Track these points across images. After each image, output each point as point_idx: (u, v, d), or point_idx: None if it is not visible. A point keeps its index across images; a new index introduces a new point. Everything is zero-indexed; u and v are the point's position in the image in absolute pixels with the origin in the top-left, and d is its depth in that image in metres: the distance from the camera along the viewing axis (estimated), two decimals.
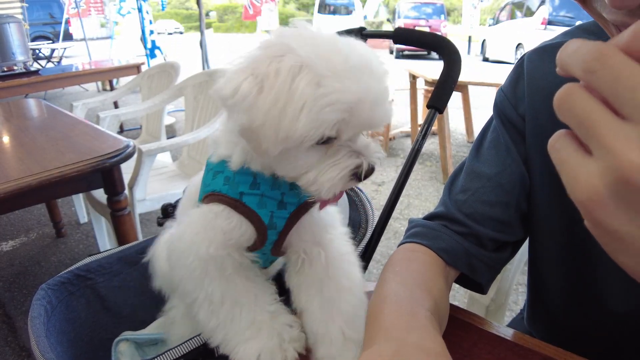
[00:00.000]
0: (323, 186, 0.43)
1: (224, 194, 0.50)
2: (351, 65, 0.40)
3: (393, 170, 3.47)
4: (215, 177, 0.51)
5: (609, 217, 0.22)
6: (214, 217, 0.50)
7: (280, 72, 0.39)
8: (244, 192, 0.49)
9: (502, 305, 0.95)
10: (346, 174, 0.43)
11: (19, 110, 1.95)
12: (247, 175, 0.50)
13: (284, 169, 0.45)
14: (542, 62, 0.58)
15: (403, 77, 4.33)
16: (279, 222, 0.51)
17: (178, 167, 2.13)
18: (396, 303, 0.47)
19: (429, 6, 12.95)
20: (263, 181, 0.50)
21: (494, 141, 0.62)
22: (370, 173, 0.44)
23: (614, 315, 0.55)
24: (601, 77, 0.22)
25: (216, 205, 0.50)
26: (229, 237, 0.50)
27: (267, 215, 0.50)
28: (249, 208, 0.49)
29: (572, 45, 0.24)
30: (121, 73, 4.14)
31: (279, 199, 0.50)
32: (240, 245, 0.51)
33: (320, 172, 0.43)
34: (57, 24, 10.41)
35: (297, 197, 0.51)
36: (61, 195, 1.94)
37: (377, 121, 0.43)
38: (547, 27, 7.76)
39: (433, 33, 0.77)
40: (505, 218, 0.59)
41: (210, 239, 0.49)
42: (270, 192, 0.50)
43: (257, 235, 0.51)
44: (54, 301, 0.73)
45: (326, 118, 0.39)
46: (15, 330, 1.71)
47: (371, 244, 0.74)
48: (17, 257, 2.25)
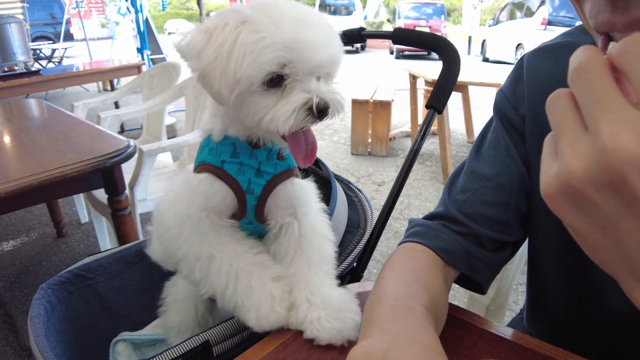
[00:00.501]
0: (279, 121, 0.48)
1: (208, 163, 0.57)
2: (287, 15, 0.46)
3: (393, 170, 3.47)
4: (202, 150, 0.59)
5: (564, 214, 0.25)
6: (197, 183, 0.56)
7: (227, 26, 0.46)
8: (225, 160, 0.56)
9: (502, 305, 0.95)
10: (298, 106, 0.48)
11: (19, 110, 1.96)
12: (228, 145, 0.57)
13: (247, 116, 0.50)
14: (542, 63, 0.58)
15: (403, 78, 4.33)
16: (256, 188, 0.57)
17: (179, 167, 2.13)
18: (392, 298, 0.48)
19: (429, 6, 12.94)
20: (242, 151, 0.56)
21: (494, 142, 0.62)
22: (324, 109, 0.49)
23: (614, 315, 0.55)
24: (577, 88, 0.24)
25: (201, 173, 0.56)
26: (209, 200, 0.56)
27: (245, 182, 0.56)
28: (229, 174, 0.56)
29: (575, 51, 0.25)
30: (122, 73, 4.14)
31: (256, 167, 0.57)
32: (220, 211, 0.57)
33: (276, 110, 0.48)
34: (58, 24, 10.43)
35: (273, 168, 0.58)
36: (62, 195, 1.94)
37: (322, 63, 0.48)
38: (547, 27, 7.75)
39: (432, 33, 0.77)
40: (504, 218, 0.59)
41: (191, 201, 0.56)
42: (248, 161, 0.56)
43: (237, 201, 0.57)
44: (53, 301, 0.73)
45: (266, 58, 0.45)
46: (16, 330, 1.71)
47: (370, 244, 0.74)
48: (18, 257, 2.25)
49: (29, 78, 3.16)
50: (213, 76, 0.47)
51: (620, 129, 0.21)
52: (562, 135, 0.24)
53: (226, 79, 0.46)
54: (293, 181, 0.60)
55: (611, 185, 0.22)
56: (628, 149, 0.21)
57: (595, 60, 0.24)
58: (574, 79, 0.24)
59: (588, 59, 0.24)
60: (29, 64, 3.52)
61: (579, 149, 0.23)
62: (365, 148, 3.80)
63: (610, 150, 0.21)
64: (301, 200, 0.61)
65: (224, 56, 0.46)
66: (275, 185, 0.58)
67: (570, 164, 0.23)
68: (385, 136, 3.72)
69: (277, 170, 0.58)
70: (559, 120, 0.25)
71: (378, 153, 3.78)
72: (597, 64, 0.24)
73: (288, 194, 0.59)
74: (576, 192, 0.23)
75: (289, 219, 0.60)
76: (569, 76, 0.25)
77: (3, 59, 3.14)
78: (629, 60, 0.22)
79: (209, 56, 0.46)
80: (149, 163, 1.64)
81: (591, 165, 0.22)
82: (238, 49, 0.45)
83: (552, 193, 0.24)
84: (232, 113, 0.53)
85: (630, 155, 0.20)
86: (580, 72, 0.24)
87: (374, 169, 3.49)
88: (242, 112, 0.50)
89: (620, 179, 0.21)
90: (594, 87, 0.23)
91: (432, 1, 13.10)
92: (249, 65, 0.45)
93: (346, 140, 4.16)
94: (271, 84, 0.47)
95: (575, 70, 0.24)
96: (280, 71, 0.47)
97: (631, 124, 0.21)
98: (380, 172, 3.43)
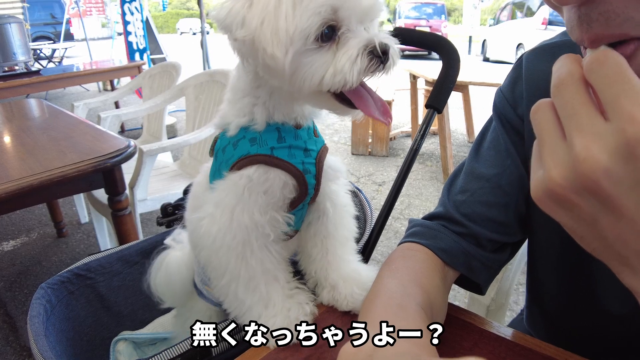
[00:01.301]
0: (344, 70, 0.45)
1: (255, 154, 0.53)
2: None
3: (394, 170, 3.47)
4: (236, 145, 0.54)
5: (553, 213, 0.28)
6: (247, 180, 0.52)
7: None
8: (274, 147, 0.53)
9: (502, 305, 0.94)
10: (360, 50, 0.45)
11: (20, 110, 1.96)
12: (272, 131, 0.54)
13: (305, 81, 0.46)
14: (541, 62, 0.58)
15: (403, 77, 4.32)
16: (311, 168, 0.56)
17: (179, 167, 2.13)
18: (387, 297, 0.49)
19: (430, 6, 12.93)
20: (287, 134, 0.54)
21: (494, 142, 0.62)
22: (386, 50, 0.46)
23: (612, 316, 0.54)
24: (556, 101, 0.27)
25: (247, 168, 0.52)
26: (270, 196, 0.53)
27: (299, 163, 0.55)
28: (283, 160, 0.53)
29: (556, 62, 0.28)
30: (122, 73, 4.15)
31: (303, 147, 0.56)
32: (284, 200, 0.55)
33: (337, 62, 0.45)
34: (58, 24, 10.43)
35: (315, 145, 0.57)
36: (62, 195, 1.94)
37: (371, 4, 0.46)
38: (547, 27, 7.75)
39: (432, 33, 0.77)
40: (503, 219, 0.59)
41: (252, 203, 0.52)
42: (295, 142, 0.55)
43: (297, 185, 0.55)
44: (53, 300, 0.73)
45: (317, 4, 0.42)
46: (17, 330, 1.71)
47: (370, 243, 0.74)
48: (18, 257, 2.25)
49: (29, 78, 3.16)
50: (264, 40, 0.43)
51: (591, 142, 0.24)
52: (543, 145, 0.27)
53: (278, 38, 0.43)
54: (328, 157, 0.61)
55: (587, 190, 0.24)
56: (597, 159, 0.23)
57: (573, 75, 0.26)
58: (554, 93, 0.27)
59: (566, 74, 0.27)
60: (29, 64, 3.53)
61: (557, 158, 0.26)
62: (365, 148, 3.80)
63: (582, 161, 0.24)
64: (336, 174, 0.62)
65: (271, 15, 0.43)
66: (322, 161, 0.58)
67: (551, 172, 0.26)
68: (385, 136, 3.72)
69: (319, 147, 0.58)
70: (540, 130, 0.27)
71: (378, 153, 3.78)
72: (574, 79, 0.26)
73: (331, 167, 0.60)
74: (559, 196, 0.26)
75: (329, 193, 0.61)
76: (550, 89, 0.27)
77: (3, 59, 3.14)
78: (594, 77, 0.25)
79: (255, 19, 0.43)
80: (149, 163, 1.64)
81: (568, 173, 0.25)
82: (285, 4, 0.42)
83: (539, 197, 0.27)
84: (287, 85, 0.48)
85: (600, 165, 0.23)
86: (559, 87, 0.27)
87: (374, 169, 3.49)
88: (299, 77, 0.46)
89: (594, 185, 0.24)
90: (570, 102, 0.26)
91: (432, 1, 13.09)
92: (301, 16, 0.42)
93: (346, 140, 4.16)
94: (324, 39, 0.44)
95: (555, 85, 0.27)
96: (334, 18, 0.44)
97: (600, 137, 0.24)
98: (381, 172, 3.43)
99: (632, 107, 0.22)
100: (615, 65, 0.24)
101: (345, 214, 0.63)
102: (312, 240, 0.62)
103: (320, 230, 0.62)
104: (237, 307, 0.56)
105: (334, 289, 0.60)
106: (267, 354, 0.52)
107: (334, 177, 0.61)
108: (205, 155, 1.99)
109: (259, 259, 0.54)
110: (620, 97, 0.23)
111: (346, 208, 0.64)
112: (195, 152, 2.08)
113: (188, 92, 2.17)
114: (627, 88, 0.23)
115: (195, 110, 2.12)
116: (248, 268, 0.53)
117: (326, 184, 0.60)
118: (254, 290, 0.54)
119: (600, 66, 0.24)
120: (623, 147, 0.23)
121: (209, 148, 0.60)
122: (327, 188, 0.61)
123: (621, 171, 0.23)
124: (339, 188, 0.63)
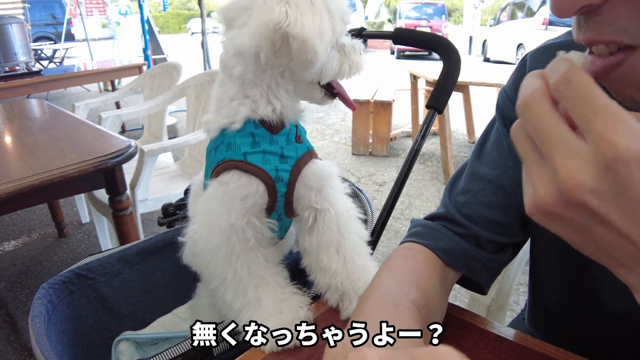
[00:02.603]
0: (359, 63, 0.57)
1: (229, 159, 0.54)
2: None
3: (394, 170, 3.47)
4: (217, 150, 0.56)
5: (547, 225, 0.28)
6: (225, 187, 0.54)
7: None
8: (247, 152, 0.54)
9: (503, 306, 0.94)
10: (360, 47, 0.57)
11: (21, 110, 1.96)
12: (246, 136, 0.55)
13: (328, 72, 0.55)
14: (545, 62, 0.57)
15: (404, 78, 4.32)
16: (284, 175, 0.56)
17: (180, 167, 2.13)
18: (381, 294, 0.49)
19: (430, 7, 12.93)
20: (262, 139, 0.55)
21: (496, 142, 0.61)
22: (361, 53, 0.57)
23: (614, 316, 0.55)
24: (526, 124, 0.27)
25: (223, 174, 0.54)
26: (245, 202, 0.54)
27: (273, 170, 0.55)
28: (255, 165, 0.54)
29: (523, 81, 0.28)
30: (123, 73, 4.15)
31: (279, 153, 0.56)
32: (259, 207, 0.55)
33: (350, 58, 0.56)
34: (59, 24, 10.43)
35: (295, 151, 0.57)
36: (63, 195, 1.94)
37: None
38: (548, 27, 7.74)
39: (432, 33, 0.77)
40: (505, 220, 0.59)
41: (229, 208, 0.53)
42: (270, 148, 0.55)
43: (267, 191, 0.55)
44: (54, 300, 0.73)
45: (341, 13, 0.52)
46: (18, 330, 1.71)
47: (370, 244, 0.74)
48: (19, 257, 2.26)
49: (30, 78, 3.16)
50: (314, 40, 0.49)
51: (572, 164, 0.24)
52: (527, 165, 0.28)
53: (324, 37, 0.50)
54: (316, 162, 0.59)
55: (575, 206, 0.25)
56: (582, 182, 0.24)
57: (537, 93, 0.26)
58: (520, 114, 0.27)
59: (530, 94, 0.26)
60: (30, 64, 3.53)
61: (543, 178, 0.26)
62: (366, 148, 3.80)
63: (567, 184, 0.24)
64: (328, 181, 0.60)
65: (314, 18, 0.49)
66: (300, 169, 0.57)
67: (539, 191, 0.26)
68: (386, 136, 3.72)
69: (299, 154, 0.58)
70: (522, 152, 0.28)
71: (379, 153, 3.78)
72: (540, 97, 0.26)
73: (315, 174, 0.59)
74: (550, 212, 0.27)
75: (322, 201, 0.60)
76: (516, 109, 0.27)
77: (4, 60, 3.15)
78: (561, 98, 0.25)
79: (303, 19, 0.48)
80: (150, 163, 1.64)
81: (555, 192, 0.25)
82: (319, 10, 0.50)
83: (532, 212, 0.28)
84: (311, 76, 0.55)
85: (585, 187, 0.24)
86: (525, 107, 0.27)
87: (374, 169, 3.49)
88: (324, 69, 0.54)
89: (582, 204, 0.25)
90: (539, 124, 0.26)
91: (433, 1, 13.09)
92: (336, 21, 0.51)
93: (347, 140, 4.16)
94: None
95: (520, 105, 0.27)
96: None
97: (579, 158, 0.24)
98: (381, 172, 3.43)
99: (604, 128, 0.23)
100: (580, 84, 0.24)
101: (349, 219, 0.61)
102: (328, 248, 0.60)
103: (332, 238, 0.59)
104: (228, 310, 0.56)
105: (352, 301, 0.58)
106: (268, 353, 0.52)
107: (319, 183, 0.59)
108: None
109: (244, 263, 0.54)
110: (592, 118, 0.23)
111: (349, 212, 0.62)
112: (196, 153, 2.08)
113: (189, 92, 2.17)
114: (596, 107, 0.23)
115: (195, 111, 2.12)
116: (234, 272, 0.54)
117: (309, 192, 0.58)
118: (243, 293, 0.54)
119: (566, 86, 0.25)
120: (603, 167, 0.23)
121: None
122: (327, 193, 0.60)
123: (604, 187, 0.24)
124: (336, 192, 0.61)
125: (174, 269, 0.89)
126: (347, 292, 0.58)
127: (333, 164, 0.62)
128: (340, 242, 0.59)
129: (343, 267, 0.59)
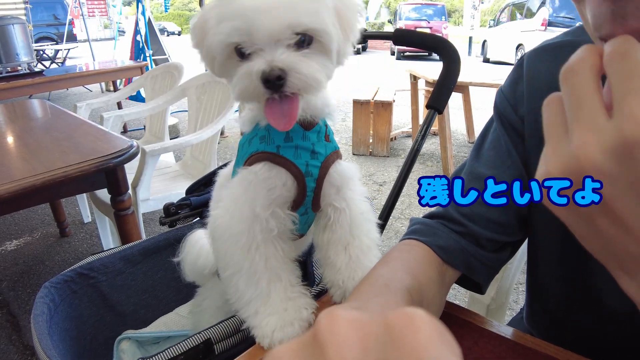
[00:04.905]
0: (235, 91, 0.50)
1: (262, 151, 0.55)
2: None
3: (394, 170, 3.47)
4: (251, 142, 0.57)
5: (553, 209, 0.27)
6: (255, 176, 0.54)
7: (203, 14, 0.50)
8: (280, 145, 0.55)
9: (502, 304, 0.95)
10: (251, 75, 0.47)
11: (23, 110, 1.97)
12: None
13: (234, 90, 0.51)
14: (542, 63, 0.58)
15: (404, 78, 4.33)
16: (314, 170, 0.56)
17: (181, 167, 2.14)
18: (374, 278, 0.50)
19: (430, 8, 12.94)
20: (295, 134, 0.55)
21: (494, 142, 0.62)
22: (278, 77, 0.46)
23: (611, 314, 0.55)
24: (563, 89, 0.26)
25: (255, 164, 0.54)
26: (272, 193, 0.54)
27: (303, 164, 0.55)
28: (287, 159, 0.54)
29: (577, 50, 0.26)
30: (125, 74, 4.16)
31: (311, 149, 0.56)
32: (284, 199, 0.55)
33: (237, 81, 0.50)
34: (61, 25, 10.45)
35: (324, 149, 0.58)
36: (65, 195, 1.95)
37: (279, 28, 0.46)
38: (547, 28, 7.74)
39: (432, 34, 0.77)
40: (503, 220, 0.59)
41: (254, 198, 0.54)
42: (302, 143, 0.55)
43: (297, 185, 0.55)
44: (56, 299, 0.73)
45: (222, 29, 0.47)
46: (20, 329, 1.72)
47: None
48: (21, 257, 2.26)
49: (32, 79, 3.17)
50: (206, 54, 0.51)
51: (589, 138, 0.23)
52: (548, 142, 0.27)
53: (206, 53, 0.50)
54: (340, 162, 0.60)
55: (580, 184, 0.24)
56: (591, 157, 0.23)
57: (585, 63, 0.25)
58: (562, 80, 0.26)
59: (578, 61, 0.25)
60: (32, 64, 3.53)
61: (557, 153, 0.25)
62: (366, 148, 3.81)
63: (577, 158, 0.23)
64: (348, 183, 0.61)
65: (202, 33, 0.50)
66: (329, 166, 0.58)
67: (549, 167, 0.26)
68: (386, 136, 3.72)
69: (328, 151, 0.58)
70: (547, 127, 0.27)
71: (379, 153, 3.78)
72: (586, 67, 0.25)
73: (339, 174, 0.59)
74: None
75: (340, 201, 0.60)
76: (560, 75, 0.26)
77: (6, 60, 3.16)
78: (610, 70, 0.24)
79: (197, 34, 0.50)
80: (151, 163, 1.65)
81: (564, 169, 0.24)
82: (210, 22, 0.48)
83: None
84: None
85: (593, 163, 0.23)
86: (568, 73, 0.25)
87: (375, 169, 3.49)
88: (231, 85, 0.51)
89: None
90: (576, 92, 0.25)
91: (433, 2, 13.09)
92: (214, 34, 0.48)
93: (347, 140, 4.16)
94: (242, 56, 0.48)
95: (564, 71, 0.26)
96: (241, 41, 0.47)
97: (599, 133, 0.23)
98: (382, 172, 3.43)
99: (637, 106, 0.22)
100: (635, 61, 0.23)
101: (363, 221, 0.61)
102: (337, 245, 0.60)
103: (342, 236, 0.60)
104: (238, 300, 0.56)
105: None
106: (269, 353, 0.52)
107: (341, 183, 0.60)
108: (207, 156, 2.00)
109: (263, 254, 0.54)
110: (629, 95, 0.22)
111: (364, 215, 0.62)
112: (197, 153, 2.09)
113: (190, 92, 2.17)
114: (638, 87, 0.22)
115: (197, 111, 2.13)
116: (252, 262, 0.54)
117: (331, 190, 0.59)
118: (255, 285, 0.55)
119: (620, 59, 0.23)
120: (619, 147, 0.22)
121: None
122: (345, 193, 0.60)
123: (615, 171, 0.22)
124: (354, 195, 0.61)
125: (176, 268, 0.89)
126: (349, 290, 0.59)
127: (356, 166, 0.62)
128: (349, 242, 0.60)
129: (347, 265, 0.59)
